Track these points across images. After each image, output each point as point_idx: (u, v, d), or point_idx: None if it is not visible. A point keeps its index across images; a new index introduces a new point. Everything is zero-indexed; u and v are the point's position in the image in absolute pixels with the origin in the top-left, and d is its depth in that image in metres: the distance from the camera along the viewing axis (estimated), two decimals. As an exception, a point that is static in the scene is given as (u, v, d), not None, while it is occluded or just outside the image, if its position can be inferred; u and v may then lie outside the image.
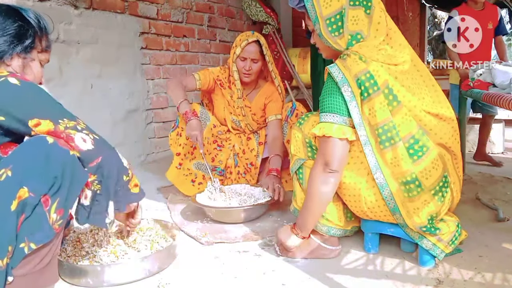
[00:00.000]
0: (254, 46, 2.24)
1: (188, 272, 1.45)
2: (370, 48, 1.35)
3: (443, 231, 1.40)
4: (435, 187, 1.36)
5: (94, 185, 1.16)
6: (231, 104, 2.39)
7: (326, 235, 1.51)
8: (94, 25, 2.67)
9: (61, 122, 1.11)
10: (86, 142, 1.12)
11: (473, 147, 3.58)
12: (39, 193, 1.06)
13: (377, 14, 1.37)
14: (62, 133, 1.10)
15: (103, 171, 1.15)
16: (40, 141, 1.08)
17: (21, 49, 1.21)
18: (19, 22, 1.20)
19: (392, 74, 1.35)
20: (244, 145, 2.43)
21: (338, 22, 1.37)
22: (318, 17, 1.39)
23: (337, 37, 1.39)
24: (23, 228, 1.05)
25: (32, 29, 1.23)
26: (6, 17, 1.19)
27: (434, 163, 1.36)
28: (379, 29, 1.38)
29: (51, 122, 1.10)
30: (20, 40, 1.20)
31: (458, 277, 1.35)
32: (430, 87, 1.43)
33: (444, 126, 1.41)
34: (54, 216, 1.09)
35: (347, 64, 1.33)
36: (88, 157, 1.13)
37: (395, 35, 1.42)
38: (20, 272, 1.09)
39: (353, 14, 1.36)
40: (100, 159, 1.14)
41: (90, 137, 1.14)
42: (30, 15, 1.24)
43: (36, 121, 1.08)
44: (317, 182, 1.38)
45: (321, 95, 1.40)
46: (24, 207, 1.04)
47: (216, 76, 2.35)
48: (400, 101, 1.33)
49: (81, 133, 1.13)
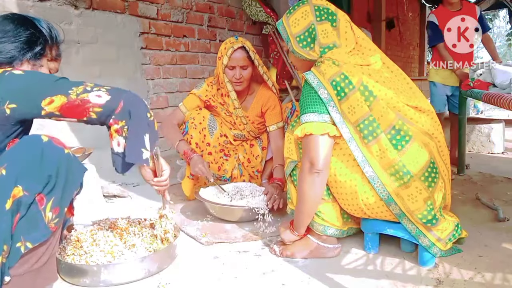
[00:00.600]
0: (240, 52, 2.12)
1: (188, 272, 1.45)
2: (342, 54, 1.45)
3: (441, 225, 1.41)
4: (423, 173, 1.38)
5: (124, 131, 1.18)
6: (227, 120, 2.32)
7: (323, 235, 1.51)
8: (94, 25, 2.67)
9: (71, 92, 1.14)
10: (101, 96, 1.16)
11: (473, 147, 3.59)
12: (34, 192, 1.06)
13: (342, 25, 1.48)
14: (76, 101, 1.13)
15: (130, 112, 1.18)
16: (34, 140, 1.10)
17: (31, 56, 1.25)
18: (30, 30, 1.25)
19: (365, 72, 1.42)
20: (248, 153, 2.40)
21: (307, 38, 1.48)
22: (289, 36, 1.51)
23: (309, 50, 1.49)
24: (18, 227, 1.06)
25: (43, 38, 1.28)
26: (18, 25, 1.24)
27: (419, 150, 1.39)
28: (348, 38, 1.48)
29: (63, 96, 1.13)
30: (30, 47, 1.25)
31: (458, 277, 1.35)
32: (405, 84, 1.50)
33: (423, 117, 1.46)
34: (49, 215, 1.10)
35: (321, 70, 1.42)
36: (111, 107, 1.16)
37: (364, 42, 1.52)
38: (17, 272, 1.09)
39: (322, 29, 1.46)
40: (122, 103, 1.17)
41: (103, 90, 1.17)
42: (42, 24, 1.29)
43: (49, 99, 1.11)
44: (305, 184, 1.42)
45: (300, 100, 1.47)
46: (19, 206, 1.04)
47: (204, 98, 2.27)
48: (376, 95, 1.39)
49: (92, 92, 1.16)
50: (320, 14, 1.47)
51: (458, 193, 2.29)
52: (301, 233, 1.53)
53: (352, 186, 1.42)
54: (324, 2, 1.52)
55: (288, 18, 1.52)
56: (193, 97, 2.28)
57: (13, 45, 1.22)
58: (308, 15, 1.48)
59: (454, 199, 2.13)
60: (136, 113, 1.19)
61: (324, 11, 1.48)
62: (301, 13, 1.49)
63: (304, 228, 1.52)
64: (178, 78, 3.43)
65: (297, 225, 1.52)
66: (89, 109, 1.14)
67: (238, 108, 2.25)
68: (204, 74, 3.71)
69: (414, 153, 1.38)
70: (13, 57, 1.22)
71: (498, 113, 5.76)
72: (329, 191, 1.49)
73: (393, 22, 7.86)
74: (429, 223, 1.38)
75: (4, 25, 1.23)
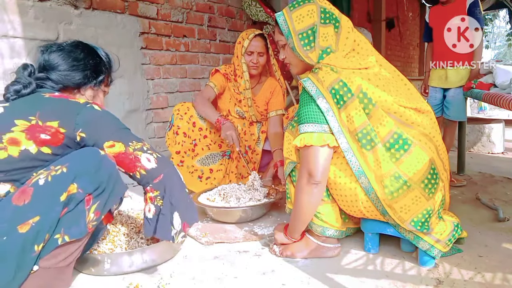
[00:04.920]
0: (259, 40, 2.37)
1: (188, 272, 1.45)
2: (339, 58, 1.44)
3: (435, 230, 1.41)
4: (423, 180, 1.37)
5: (157, 200, 1.31)
6: (235, 96, 2.48)
7: (322, 235, 1.51)
8: (94, 25, 2.67)
9: (130, 145, 1.28)
10: (150, 161, 1.29)
11: (473, 147, 3.59)
12: (86, 191, 1.18)
13: (344, 31, 1.48)
14: (131, 155, 1.28)
15: (165, 187, 1.30)
16: (94, 151, 1.23)
17: (95, 83, 1.41)
18: (96, 60, 1.41)
19: (364, 77, 1.40)
20: (246, 127, 2.52)
21: (310, 37, 1.45)
22: (291, 31, 1.46)
23: (308, 51, 1.46)
24: (62, 220, 1.15)
25: (105, 66, 1.44)
26: (87, 54, 1.39)
27: (419, 157, 1.38)
28: (346, 43, 1.48)
29: (123, 145, 1.27)
30: (96, 75, 1.41)
31: (458, 277, 1.35)
32: (403, 86, 1.49)
33: (423, 118, 1.45)
34: (91, 216, 1.20)
35: (320, 77, 1.40)
36: (153, 174, 1.29)
37: (362, 49, 1.50)
38: (45, 264, 1.16)
39: (324, 32, 1.45)
40: (162, 176, 1.30)
41: (154, 156, 1.30)
42: (102, 53, 1.45)
43: (111, 143, 1.26)
44: (302, 194, 1.42)
45: (298, 108, 1.45)
46: (70, 200, 1.15)
47: (223, 72, 2.46)
48: (375, 103, 1.37)
49: (146, 153, 1.29)
50: (325, 17, 1.44)
51: (458, 193, 2.29)
52: (296, 238, 1.53)
53: (352, 188, 1.42)
54: (329, 6, 1.49)
55: (292, 12, 1.46)
56: (217, 74, 2.46)
57: (84, 73, 1.36)
58: (313, 14, 1.44)
59: (454, 199, 2.13)
60: (170, 189, 1.30)
61: (329, 14, 1.45)
62: (306, 10, 1.45)
63: (299, 234, 1.53)
64: (178, 78, 3.43)
65: (292, 230, 1.52)
66: (137, 167, 1.28)
67: (248, 89, 2.43)
68: (204, 74, 3.70)
69: (413, 160, 1.37)
70: (80, 84, 1.37)
71: (498, 113, 5.76)
72: (328, 192, 1.49)
73: (393, 22, 7.86)
74: (423, 229, 1.38)
75: (76, 53, 1.36)
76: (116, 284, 1.38)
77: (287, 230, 1.55)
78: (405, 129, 1.41)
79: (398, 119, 1.40)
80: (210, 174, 2.36)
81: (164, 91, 3.27)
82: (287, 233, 1.54)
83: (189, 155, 2.33)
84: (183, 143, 2.30)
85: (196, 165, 2.35)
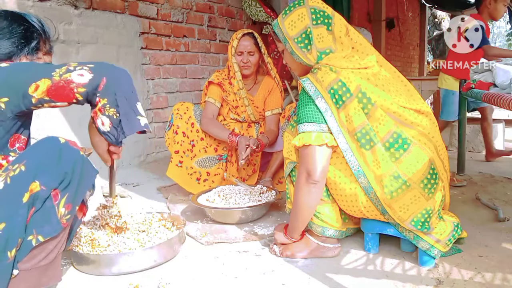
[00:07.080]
0: (248, 39, 2.34)
1: (188, 272, 1.45)
2: (338, 58, 1.44)
3: (435, 230, 1.41)
4: (423, 180, 1.38)
5: (107, 109, 1.16)
6: (231, 104, 2.44)
7: (322, 236, 1.51)
8: (94, 25, 2.67)
9: (54, 74, 1.13)
10: (83, 75, 1.14)
11: (473, 147, 3.59)
12: (50, 187, 1.10)
13: (337, 29, 1.47)
14: (60, 82, 1.12)
15: (114, 88, 1.16)
16: (53, 141, 1.15)
17: (28, 51, 1.28)
18: (24, 25, 1.27)
19: (364, 77, 1.40)
20: (244, 129, 2.50)
21: (305, 40, 1.46)
22: (286, 37, 1.48)
23: (307, 52, 1.47)
24: (32, 220, 1.09)
25: (37, 32, 1.30)
26: (12, 21, 1.26)
27: (419, 156, 1.38)
28: (343, 42, 1.48)
29: (47, 79, 1.12)
30: (27, 41, 1.27)
31: (458, 277, 1.35)
32: (403, 87, 1.49)
33: (423, 119, 1.45)
34: (62, 210, 1.14)
35: (318, 77, 1.40)
36: (93, 85, 1.14)
37: (361, 47, 1.50)
38: (25, 266, 1.12)
39: (317, 33, 1.45)
40: (105, 80, 1.15)
41: (85, 68, 1.15)
42: (33, 19, 1.31)
43: (34, 85, 1.11)
44: (301, 193, 1.42)
45: (297, 107, 1.46)
46: (35, 200, 1.08)
47: (217, 82, 2.41)
48: (375, 102, 1.38)
49: (75, 71, 1.14)
50: (316, 18, 1.45)
51: (458, 193, 2.29)
52: (296, 238, 1.53)
53: (351, 188, 1.42)
54: (321, 4, 1.49)
55: (284, 20, 1.50)
56: (211, 86, 2.43)
57: (10, 41, 1.24)
58: (304, 17, 1.46)
59: (454, 199, 2.13)
60: (120, 87, 1.17)
61: (321, 14, 1.46)
62: (297, 15, 1.47)
63: (298, 233, 1.53)
64: (178, 78, 3.43)
65: (292, 230, 1.52)
66: (73, 90, 1.12)
67: (242, 89, 2.40)
68: (204, 74, 3.71)
69: (413, 160, 1.37)
70: (11, 53, 1.25)
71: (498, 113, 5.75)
72: (328, 192, 1.49)
73: (393, 22, 7.86)
74: (423, 229, 1.38)
75: None
76: (116, 284, 1.38)
77: (287, 230, 1.55)
78: (405, 129, 1.41)
79: (397, 119, 1.41)
80: (208, 177, 2.35)
81: (164, 91, 3.27)
82: (287, 233, 1.54)
83: (188, 155, 2.33)
84: (182, 143, 2.30)
85: (195, 166, 2.34)
